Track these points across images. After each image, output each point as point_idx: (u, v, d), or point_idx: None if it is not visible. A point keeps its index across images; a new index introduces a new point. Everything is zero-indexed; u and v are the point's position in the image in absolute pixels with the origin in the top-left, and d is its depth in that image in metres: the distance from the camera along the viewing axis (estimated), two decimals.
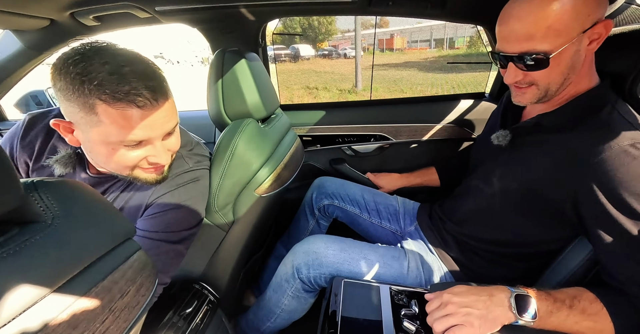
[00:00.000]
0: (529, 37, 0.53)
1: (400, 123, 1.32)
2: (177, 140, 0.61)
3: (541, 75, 0.57)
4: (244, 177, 0.71)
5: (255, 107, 0.79)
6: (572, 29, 0.52)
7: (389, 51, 22.50)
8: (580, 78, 0.60)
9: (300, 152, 1.03)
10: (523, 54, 0.54)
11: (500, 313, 0.52)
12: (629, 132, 0.53)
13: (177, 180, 0.64)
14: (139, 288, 0.34)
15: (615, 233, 0.52)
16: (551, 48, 0.53)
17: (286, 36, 19.52)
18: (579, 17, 0.51)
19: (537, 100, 0.61)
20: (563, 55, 0.53)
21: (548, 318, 0.50)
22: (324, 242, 0.81)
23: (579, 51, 0.54)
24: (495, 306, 0.52)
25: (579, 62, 0.56)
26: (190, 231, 0.64)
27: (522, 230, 0.68)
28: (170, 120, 0.56)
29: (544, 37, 0.52)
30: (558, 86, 0.58)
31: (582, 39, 0.53)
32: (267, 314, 0.87)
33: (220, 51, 0.77)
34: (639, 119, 0.56)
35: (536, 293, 0.54)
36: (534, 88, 0.60)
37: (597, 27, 0.53)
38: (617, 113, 0.56)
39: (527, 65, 0.55)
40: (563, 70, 0.56)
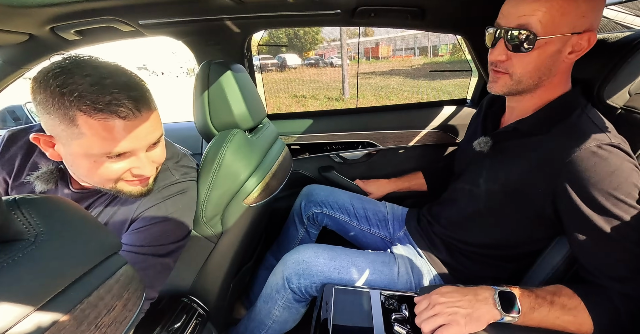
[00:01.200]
0: (530, 12, 0.55)
1: (387, 130, 1.34)
2: (162, 151, 0.60)
3: (521, 61, 0.59)
4: (232, 188, 0.71)
5: (242, 118, 0.80)
6: (565, 22, 0.54)
7: (375, 59, 22.97)
8: (554, 85, 0.63)
9: (289, 160, 1.04)
10: (516, 28, 0.57)
11: (485, 311, 0.53)
12: (596, 134, 0.56)
13: (164, 193, 0.63)
14: (125, 303, 0.33)
15: (587, 230, 0.55)
16: (542, 31, 0.55)
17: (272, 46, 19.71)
18: (576, 13, 0.54)
19: (508, 90, 0.64)
20: (547, 47, 0.56)
21: (531, 314, 0.52)
22: (314, 251, 0.81)
23: (560, 53, 0.58)
24: (481, 304, 0.54)
25: (555, 66, 0.59)
26: (177, 244, 0.63)
27: (508, 231, 0.71)
28: (155, 131, 0.55)
29: (542, 17, 0.54)
30: (531, 81, 0.61)
31: (568, 41, 0.56)
32: (258, 326, 0.86)
33: (206, 63, 0.78)
34: (606, 122, 0.60)
35: (519, 290, 0.56)
36: (507, 77, 0.62)
37: (584, 36, 0.56)
38: (586, 117, 0.60)
39: (514, 42, 0.58)
40: (540, 65, 0.58)
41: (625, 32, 0.71)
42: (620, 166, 0.53)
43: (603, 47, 0.71)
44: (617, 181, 0.53)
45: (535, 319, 0.52)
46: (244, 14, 0.91)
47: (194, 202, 0.68)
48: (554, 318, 0.52)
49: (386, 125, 1.34)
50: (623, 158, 0.54)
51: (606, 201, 0.53)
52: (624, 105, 0.69)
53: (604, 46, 0.71)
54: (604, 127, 0.58)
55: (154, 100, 0.56)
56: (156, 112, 0.56)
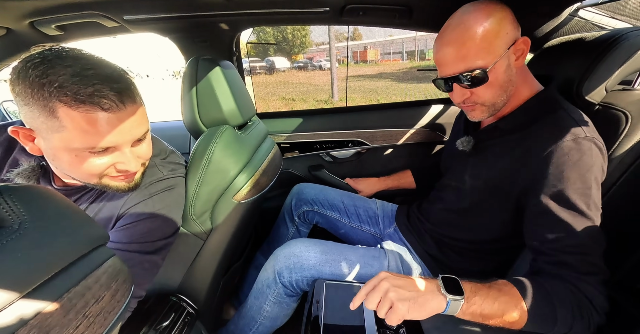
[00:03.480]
0: (462, 57, 0.60)
1: (376, 129, 1.36)
2: (148, 147, 0.58)
3: (484, 91, 0.63)
4: (221, 184, 0.71)
5: (231, 114, 0.79)
6: (497, 46, 0.59)
7: (363, 63, 23.23)
8: (520, 88, 0.67)
9: (279, 158, 1.03)
10: (462, 73, 0.61)
11: (429, 297, 0.51)
12: (572, 128, 0.58)
13: (151, 189, 0.62)
14: (114, 294, 0.33)
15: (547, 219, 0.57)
16: (485, 63, 0.59)
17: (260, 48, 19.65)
18: (500, 35, 0.59)
19: (489, 114, 0.67)
20: (498, 70, 0.60)
21: (473, 297, 0.51)
22: (305, 245, 0.81)
23: (510, 66, 0.61)
24: (426, 291, 0.52)
25: (513, 76, 0.63)
26: (165, 241, 0.61)
27: (493, 226, 0.72)
28: (140, 125, 0.53)
29: (476, 54, 0.59)
30: (502, 99, 0.65)
31: (510, 55, 0.61)
32: (249, 323, 0.84)
33: (194, 59, 0.77)
34: (584, 116, 0.62)
35: (460, 279, 0.55)
36: (480, 106, 0.66)
37: (518, 44, 0.61)
38: (563, 111, 0.62)
39: (469, 82, 0.62)
40: (502, 84, 0.62)
41: (601, 32, 0.75)
42: (589, 159, 0.55)
43: (581, 46, 0.74)
44: (585, 173, 0.55)
45: (477, 303, 0.51)
46: (233, 10, 0.91)
47: (182, 199, 0.67)
48: (493, 300, 0.51)
49: (375, 123, 1.35)
50: (594, 151, 0.56)
51: (570, 191, 0.55)
52: (601, 101, 0.72)
53: (582, 45, 0.74)
54: (582, 120, 0.60)
55: (139, 94, 0.54)
56: (142, 107, 0.54)
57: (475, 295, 0.52)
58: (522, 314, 0.51)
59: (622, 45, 0.65)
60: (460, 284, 0.53)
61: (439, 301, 0.51)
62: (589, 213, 0.54)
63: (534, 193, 0.59)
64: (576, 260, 0.53)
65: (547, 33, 0.94)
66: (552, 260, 0.55)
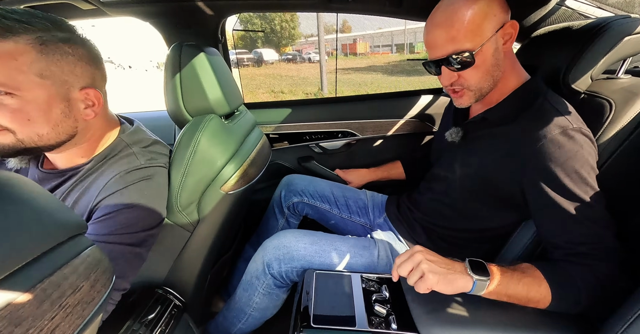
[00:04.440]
0: (451, 39, 0.60)
1: (366, 119, 1.35)
2: (7, 111, 0.49)
3: (471, 75, 0.63)
4: (208, 174, 0.69)
5: (217, 103, 0.77)
6: (486, 29, 0.59)
7: (353, 55, 23.11)
8: (507, 75, 0.67)
9: (267, 148, 1.02)
10: (450, 55, 0.61)
11: (458, 276, 0.54)
12: (559, 120, 0.59)
13: (127, 178, 0.59)
14: (93, 284, 0.32)
15: (552, 211, 0.58)
16: (473, 46, 0.59)
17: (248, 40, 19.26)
18: (488, 18, 0.59)
19: (475, 99, 0.68)
20: (485, 53, 0.61)
21: (498, 277, 0.54)
22: (294, 236, 0.80)
23: (497, 49, 0.62)
24: (455, 270, 0.55)
25: (500, 60, 0.63)
26: (148, 233, 0.60)
27: (482, 216, 0.73)
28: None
29: (465, 37, 0.59)
30: (489, 84, 0.65)
31: (497, 38, 0.61)
32: (238, 315, 0.84)
33: (177, 45, 0.74)
34: (568, 106, 0.63)
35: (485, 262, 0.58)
36: (467, 91, 0.66)
37: (506, 27, 0.61)
38: (548, 103, 0.63)
39: (458, 65, 0.62)
40: (489, 68, 0.62)
41: (587, 20, 0.75)
42: (581, 149, 0.57)
43: (568, 35, 0.74)
44: (579, 164, 0.56)
45: (503, 282, 0.54)
46: None
47: (163, 189, 0.65)
48: (517, 280, 0.54)
49: (365, 114, 1.35)
50: (584, 141, 0.58)
51: (570, 183, 0.56)
52: (586, 90, 0.73)
53: (569, 34, 0.74)
54: (566, 111, 0.61)
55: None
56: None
57: (500, 276, 0.54)
58: (547, 294, 0.54)
59: (606, 34, 0.66)
60: (486, 266, 0.55)
61: (466, 280, 0.54)
62: (592, 200, 0.55)
63: (532, 187, 0.60)
64: (592, 249, 0.54)
65: (535, 22, 0.95)
66: (568, 252, 0.57)
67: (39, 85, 0.49)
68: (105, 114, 0.63)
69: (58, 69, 0.51)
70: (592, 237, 0.55)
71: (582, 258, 0.55)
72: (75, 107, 0.55)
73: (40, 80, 0.49)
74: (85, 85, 0.55)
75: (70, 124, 0.55)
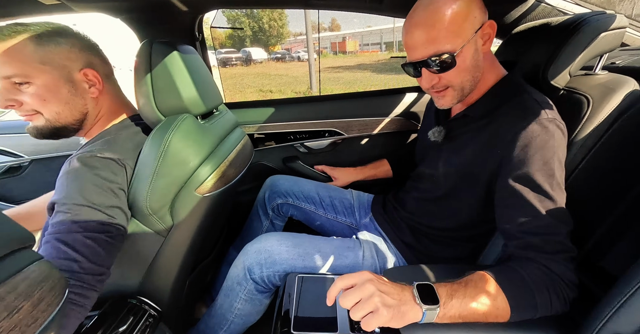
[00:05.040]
0: (431, 40, 0.58)
1: (351, 118, 1.33)
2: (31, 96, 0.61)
3: (452, 75, 0.62)
4: (180, 176, 0.66)
5: (192, 102, 0.74)
6: (466, 30, 0.58)
7: (342, 54, 23.13)
8: (486, 74, 0.67)
9: (249, 149, 0.99)
10: (431, 57, 0.60)
11: (409, 307, 0.48)
12: (535, 110, 0.59)
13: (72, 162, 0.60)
14: (36, 303, 0.29)
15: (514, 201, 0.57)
16: (454, 47, 0.58)
17: (237, 39, 19.01)
18: (469, 19, 0.58)
19: (457, 100, 0.67)
20: (465, 54, 0.60)
21: (450, 301, 0.49)
22: (277, 239, 0.78)
23: (477, 50, 0.61)
24: (406, 300, 0.49)
25: (480, 61, 0.63)
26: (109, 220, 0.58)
27: (465, 213, 0.73)
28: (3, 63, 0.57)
29: (445, 38, 0.58)
30: (470, 84, 0.65)
31: (477, 39, 0.60)
32: (220, 322, 0.81)
33: (146, 42, 0.70)
34: (546, 98, 0.63)
35: (436, 284, 0.51)
36: (450, 90, 0.65)
37: (485, 28, 0.60)
38: (526, 94, 0.63)
39: (438, 67, 0.61)
40: (469, 68, 0.62)
41: (565, 17, 0.75)
42: (551, 139, 0.56)
43: (547, 32, 0.74)
44: (549, 155, 0.56)
45: (455, 306, 0.49)
46: None
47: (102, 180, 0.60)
48: (470, 299, 0.49)
49: (350, 112, 1.33)
50: (555, 131, 0.57)
51: (536, 174, 0.56)
52: (565, 86, 0.73)
53: (548, 31, 0.74)
54: (544, 102, 0.61)
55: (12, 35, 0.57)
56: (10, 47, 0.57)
57: (452, 298, 0.49)
58: (504, 308, 0.50)
59: (583, 30, 0.66)
60: (435, 292, 0.49)
61: (416, 311, 0.48)
62: (553, 194, 0.55)
63: (501, 176, 0.60)
64: (543, 241, 0.54)
65: (515, 19, 0.95)
66: (520, 243, 0.56)
67: (43, 71, 0.60)
68: (113, 98, 0.73)
69: (55, 56, 0.61)
70: (546, 229, 0.54)
71: (532, 249, 0.54)
72: (80, 87, 0.66)
73: (43, 66, 0.60)
74: (83, 67, 0.65)
75: (79, 102, 0.66)
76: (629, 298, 0.43)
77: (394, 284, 0.51)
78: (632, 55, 0.83)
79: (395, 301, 0.48)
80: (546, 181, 0.55)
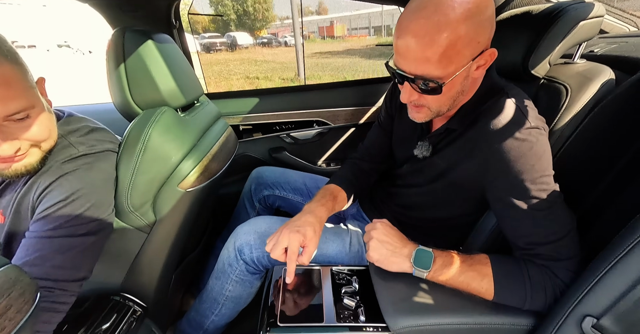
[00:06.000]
0: (425, 60, 0.52)
1: (337, 108, 1.32)
2: (36, 128, 0.52)
3: (433, 100, 0.59)
4: (162, 172, 0.64)
5: (170, 94, 0.71)
6: (463, 57, 0.52)
7: (330, 39, 22.65)
8: (468, 95, 0.63)
9: (233, 141, 0.97)
10: (418, 77, 0.54)
11: (400, 261, 0.60)
12: (516, 118, 0.57)
13: (63, 168, 0.56)
14: (3, 312, 0.28)
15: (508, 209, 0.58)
16: (444, 75, 0.53)
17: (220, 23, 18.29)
18: (471, 44, 0.51)
19: (430, 118, 0.65)
20: (454, 82, 0.55)
21: (441, 270, 0.57)
22: (266, 222, 0.79)
23: (467, 77, 0.56)
24: (399, 254, 0.60)
25: (466, 86, 0.59)
26: (99, 222, 0.57)
27: (451, 210, 0.74)
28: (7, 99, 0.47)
29: (438, 62, 0.51)
30: (448, 107, 0.61)
31: (472, 66, 0.54)
32: (211, 306, 0.82)
33: (118, 30, 0.67)
34: (525, 100, 0.61)
35: (440, 251, 0.60)
36: (426, 109, 0.62)
37: (485, 55, 0.54)
38: (506, 99, 0.60)
39: (421, 88, 0.56)
40: (453, 95, 0.58)
41: (546, 4, 0.75)
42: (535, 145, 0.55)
43: (528, 20, 0.74)
44: (535, 158, 0.55)
45: (444, 274, 0.57)
46: None
47: (107, 174, 0.61)
48: (459, 273, 0.57)
49: (336, 102, 1.32)
50: (539, 135, 0.56)
51: (526, 182, 0.55)
52: (545, 75, 0.74)
53: (529, 19, 0.74)
54: (524, 106, 0.59)
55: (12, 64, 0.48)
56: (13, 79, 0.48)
57: (443, 268, 0.57)
58: (489, 288, 0.56)
59: (562, 19, 0.66)
60: (432, 259, 0.58)
61: (406, 266, 0.59)
62: (550, 199, 0.55)
63: (492, 188, 0.60)
64: (549, 249, 0.55)
65: (499, 6, 0.94)
66: (527, 252, 0.57)
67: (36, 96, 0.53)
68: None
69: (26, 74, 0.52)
70: (550, 237, 0.55)
71: (540, 258, 0.56)
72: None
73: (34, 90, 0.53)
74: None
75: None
76: (597, 282, 0.45)
77: (399, 238, 0.63)
78: (610, 43, 0.83)
79: (389, 251, 0.60)
80: (539, 188, 0.55)
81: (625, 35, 0.89)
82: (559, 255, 0.55)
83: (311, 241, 0.63)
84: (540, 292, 0.54)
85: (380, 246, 0.61)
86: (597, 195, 0.58)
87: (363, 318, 0.58)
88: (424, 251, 0.60)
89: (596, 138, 0.61)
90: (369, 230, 0.64)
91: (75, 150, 0.59)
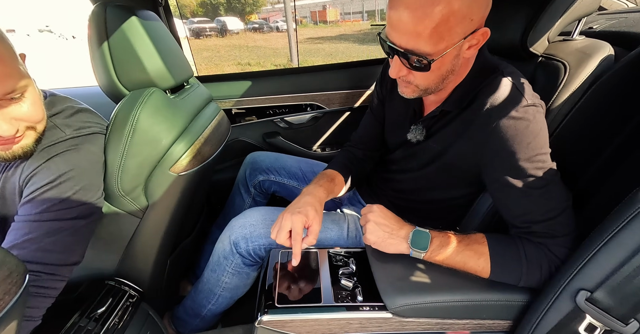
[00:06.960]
0: (416, 34, 0.50)
1: (332, 91, 1.30)
2: (31, 108, 0.51)
3: (422, 77, 0.57)
4: (153, 155, 0.62)
5: (158, 74, 0.68)
6: (455, 34, 0.51)
7: (323, 23, 22.12)
8: (460, 75, 0.62)
9: (225, 125, 0.95)
10: (408, 52, 0.53)
11: (397, 242, 0.60)
12: (512, 96, 0.56)
13: (49, 151, 0.55)
14: None
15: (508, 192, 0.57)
16: (434, 51, 0.51)
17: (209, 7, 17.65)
18: (464, 21, 0.50)
19: (419, 95, 0.63)
20: (444, 60, 0.53)
21: (438, 250, 0.58)
22: (261, 214, 0.78)
23: (457, 56, 0.55)
24: (396, 236, 0.61)
25: (457, 66, 0.57)
26: (89, 206, 0.56)
27: (448, 193, 0.74)
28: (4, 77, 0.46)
29: (429, 38, 0.50)
30: (437, 86, 0.60)
31: (463, 44, 0.53)
32: (207, 296, 0.82)
33: (100, 4, 0.63)
34: (521, 78, 0.60)
35: (437, 231, 0.61)
36: (413, 86, 0.61)
37: (477, 34, 0.53)
38: (502, 78, 0.59)
39: (410, 64, 0.55)
40: (443, 73, 0.57)
41: None
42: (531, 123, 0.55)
43: None
44: (532, 136, 0.54)
45: (441, 254, 0.58)
46: None
47: (96, 156, 0.60)
48: (456, 253, 0.57)
49: (331, 85, 1.29)
50: (536, 112, 0.56)
51: (523, 161, 0.55)
52: (544, 53, 0.72)
53: None
54: (519, 84, 0.58)
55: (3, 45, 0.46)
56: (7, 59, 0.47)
57: (440, 248, 0.58)
58: (485, 267, 0.57)
59: None
60: (429, 240, 0.59)
61: (403, 247, 0.60)
62: (546, 177, 0.55)
63: (489, 168, 0.59)
64: (545, 227, 0.55)
65: None
66: (523, 231, 0.58)
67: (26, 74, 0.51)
68: None
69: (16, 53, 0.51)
70: (546, 215, 0.55)
71: (536, 236, 0.56)
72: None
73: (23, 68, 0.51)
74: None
75: None
76: (592, 257, 0.46)
77: (396, 220, 0.63)
78: (609, 20, 0.82)
79: (386, 233, 0.61)
80: (536, 166, 0.55)
81: (624, 11, 0.87)
82: (555, 232, 0.55)
83: (314, 220, 0.63)
84: (536, 269, 0.55)
85: (377, 228, 0.61)
86: (594, 172, 0.58)
87: (360, 298, 0.59)
88: (421, 232, 0.60)
89: (594, 115, 0.61)
90: (365, 213, 0.64)
91: (62, 132, 0.57)
